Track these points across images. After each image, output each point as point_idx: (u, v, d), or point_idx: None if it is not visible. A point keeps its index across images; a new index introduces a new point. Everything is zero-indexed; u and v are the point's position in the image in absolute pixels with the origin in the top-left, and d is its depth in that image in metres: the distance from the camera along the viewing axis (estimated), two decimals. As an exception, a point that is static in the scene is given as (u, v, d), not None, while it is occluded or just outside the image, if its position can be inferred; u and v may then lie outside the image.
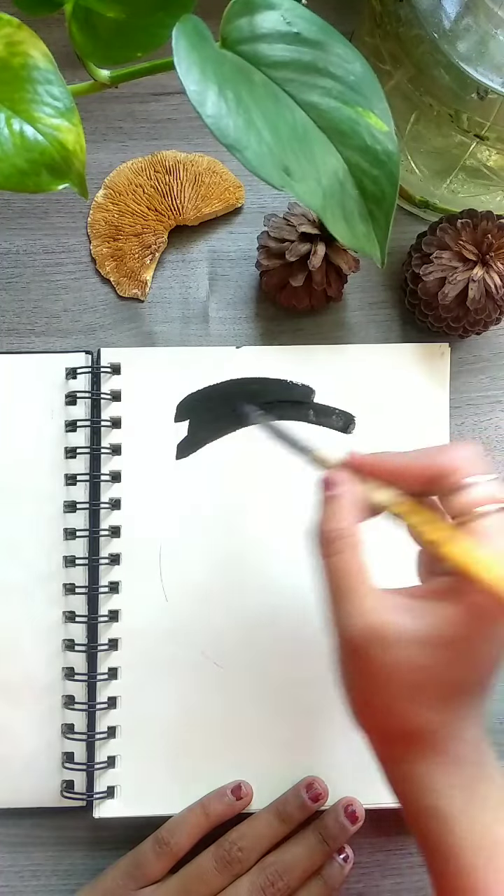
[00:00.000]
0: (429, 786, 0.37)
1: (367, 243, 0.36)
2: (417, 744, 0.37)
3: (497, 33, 0.43)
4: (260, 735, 0.53)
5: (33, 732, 0.52)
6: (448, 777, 0.37)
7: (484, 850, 0.36)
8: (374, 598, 0.37)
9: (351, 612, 0.37)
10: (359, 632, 0.36)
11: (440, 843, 0.37)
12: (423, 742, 0.37)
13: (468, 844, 0.36)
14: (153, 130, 0.58)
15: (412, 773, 0.37)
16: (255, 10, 0.33)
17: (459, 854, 0.36)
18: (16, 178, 0.30)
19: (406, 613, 0.36)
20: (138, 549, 0.53)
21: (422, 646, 0.36)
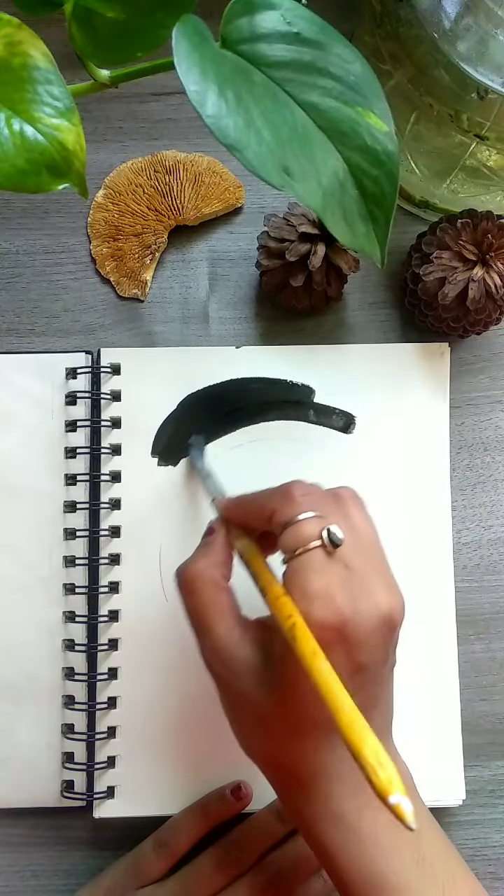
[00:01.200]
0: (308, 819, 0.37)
1: (367, 243, 0.36)
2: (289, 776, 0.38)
3: (497, 33, 0.43)
4: (260, 735, 0.53)
5: (33, 732, 0.52)
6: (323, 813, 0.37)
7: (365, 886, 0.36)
8: (227, 631, 0.38)
9: (207, 647, 0.38)
10: (214, 665, 0.38)
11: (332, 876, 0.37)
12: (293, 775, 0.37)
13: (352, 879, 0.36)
14: (153, 130, 0.58)
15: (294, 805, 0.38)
16: (255, 10, 0.33)
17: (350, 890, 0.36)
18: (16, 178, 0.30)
19: (251, 646, 0.37)
20: (138, 549, 0.53)
21: (259, 681, 0.37)
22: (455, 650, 0.54)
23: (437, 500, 0.55)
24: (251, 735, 0.39)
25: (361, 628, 0.34)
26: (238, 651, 0.37)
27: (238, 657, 0.37)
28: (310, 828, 0.37)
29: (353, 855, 0.36)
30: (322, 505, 0.37)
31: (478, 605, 0.55)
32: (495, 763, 0.55)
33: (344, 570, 0.35)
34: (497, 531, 0.56)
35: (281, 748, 0.37)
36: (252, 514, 0.40)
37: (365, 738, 0.29)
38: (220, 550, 0.41)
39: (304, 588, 0.34)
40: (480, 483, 0.56)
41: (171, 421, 0.54)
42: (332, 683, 0.31)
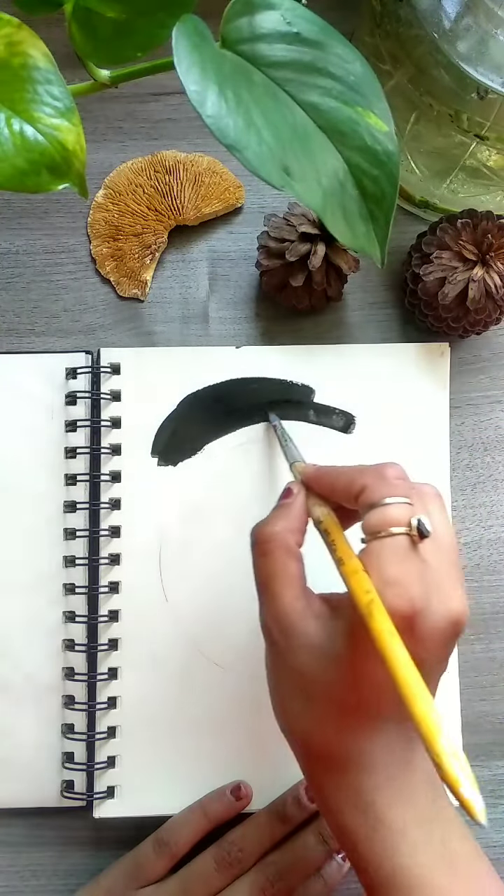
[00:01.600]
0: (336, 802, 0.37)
1: (367, 243, 0.36)
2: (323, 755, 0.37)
3: (497, 33, 0.43)
4: (260, 735, 0.53)
5: (33, 732, 0.52)
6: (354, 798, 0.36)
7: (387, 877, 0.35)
8: (292, 601, 0.37)
9: (269, 613, 0.38)
10: (273, 632, 0.38)
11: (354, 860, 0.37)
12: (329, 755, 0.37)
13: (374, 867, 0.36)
14: (153, 130, 0.58)
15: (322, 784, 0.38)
16: (255, 10, 0.33)
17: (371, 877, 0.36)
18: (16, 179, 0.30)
19: (314, 621, 0.37)
20: (138, 549, 0.53)
21: (316, 657, 0.36)
22: (455, 650, 0.54)
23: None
24: (293, 709, 0.38)
25: (430, 624, 0.34)
26: (301, 623, 0.37)
27: (300, 629, 0.37)
28: (336, 813, 0.37)
29: (378, 845, 0.35)
30: (410, 494, 0.37)
31: (478, 605, 0.55)
32: (495, 763, 0.55)
33: (423, 563, 0.35)
34: (497, 531, 0.56)
35: (324, 727, 0.37)
36: (339, 487, 0.39)
37: (439, 727, 0.29)
38: (298, 515, 0.40)
39: (381, 571, 0.34)
40: (480, 483, 0.56)
41: (172, 421, 0.54)
42: (409, 667, 0.31)
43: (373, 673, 0.34)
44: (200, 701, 0.53)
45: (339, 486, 0.39)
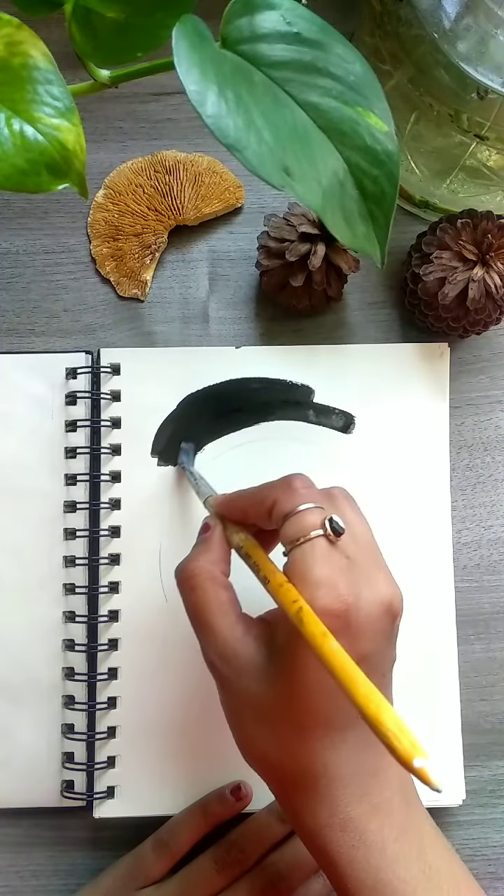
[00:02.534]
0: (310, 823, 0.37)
1: (367, 243, 0.36)
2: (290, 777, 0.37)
3: (497, 33, 0.43)
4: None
5: (33, 732, 0.52)
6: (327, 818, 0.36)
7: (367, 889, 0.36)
8: (229, 628, 0.38)
9: (209, 644, 0.38)
10: (216, 663, 0.38)
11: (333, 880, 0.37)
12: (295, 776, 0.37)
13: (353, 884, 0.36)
14: (153, 130, 0.58)
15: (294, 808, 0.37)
16: (255, 10, 0.33)
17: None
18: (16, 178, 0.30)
19: (254, 642, 0.37)
20: (138, 549, 0.53)
21: (262, 677, 0.36)
22: (455, 650, 0.54)
23: (437, 500, 0.55)
24: (252, 736, 0.38)
25: (364, 616, 0.35)
26: (240, 647, 0.37)
27: (240, 653, 0.37)
28: (314, 834, 0.37)
29: (359, 862, 0.36)
30: (320, 499, 0.37)
31: (478, 605, 0.55)
32: (495, 763, 0.55)
33: (345, 560, 0.36)
34: (497, 531, 0.56)
35: (284, 748, 0.37)
36: (250, 508, 0.40)
37: (382, 707, 0.29)
38: (218, 546, 0.41)
39: (307, 576, 0.35)
40: (480, 483, 0.56)
41: (171, 421, 0.54)
42: (345, 661, 0.31)
43: (318, 682, 0.35)
44: (200, 701, 0.53)
45: (250, 508, 0.40)
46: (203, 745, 0.52)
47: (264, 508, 0.38)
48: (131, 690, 0.53)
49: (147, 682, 0.53)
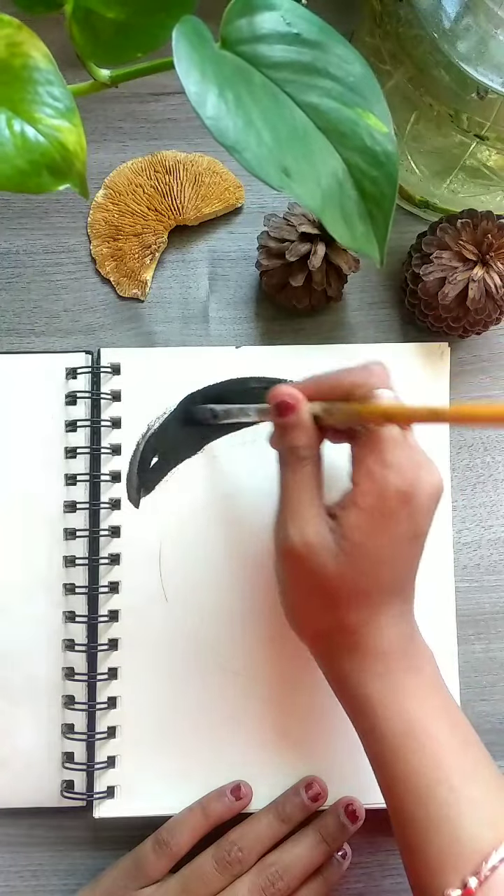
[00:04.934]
0: (356, 677, 0.43)
1: (366, 244, 0.36)
2: (344, 641, 0.43)
3: (497, 33, 0.43)
4: (260, 735, 0.53)
5: (33, 732, 0.52)
6: (371, 668, 0.42)
7: (403, 731, 0.41)
8: (315, 516, 0.42)
9: (294, 526, 0.42)
10: (296, 545, 0.42)
11: (369, 727, 0.42)
12: (349, 639, 0.42)
13: (390, 725, 0.41)
14: (153, 130, 0.58)
15: (343, 667, 0.43)
16: (255, 11, 0.33)
17: (383, 734, 0.42)
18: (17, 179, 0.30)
19: (328, 530, 0.42)
20: (138, 549, 0.53)
21: (338, 556, 0.41)
22: (455, 650, 0.54)
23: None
24: (313, 608, 0.43)
25: (422, 496, 0.41)
26: (321, 534, 0.41)
27: (321, 539, 0.41)
28: (356, 683, 0.42)
29: (394, 704, 0.42)
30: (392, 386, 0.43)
31: (478, 605, 0.56)
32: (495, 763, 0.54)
33: (410, 446, 0.42)
34: (497, 531, 0.56)
35: (341, 613, 0.42)
36: (328, 388, 0.43)
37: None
38: (309, 421, 0.43)
39: (383, 456, 0.41)
40: (480, 483, 0.56)
41: (171, 421, 0.54)
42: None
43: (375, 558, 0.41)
44: (200, 701, 0.53)
45: (328, 388, 0.43)
46: (203, 745, 0.52)
47: (342, 389, 0.42)
48: (131, 690, 0.53)
49: (147, 682, 0.53)
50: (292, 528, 0.42)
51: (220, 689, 0.53)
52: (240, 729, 0.53)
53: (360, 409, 0.41)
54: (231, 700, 0.53)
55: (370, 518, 0.41)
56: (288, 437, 0.43)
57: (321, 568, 0.41)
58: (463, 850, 0.39)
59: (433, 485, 0.42)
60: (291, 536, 0.42)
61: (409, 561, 0.43)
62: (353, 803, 0.51)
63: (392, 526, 0.41)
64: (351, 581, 0.41)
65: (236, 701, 0.53)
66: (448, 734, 0.42)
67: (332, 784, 0.52)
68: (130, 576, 0.53)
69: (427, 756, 0.41)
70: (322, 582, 0.41)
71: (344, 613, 0.42)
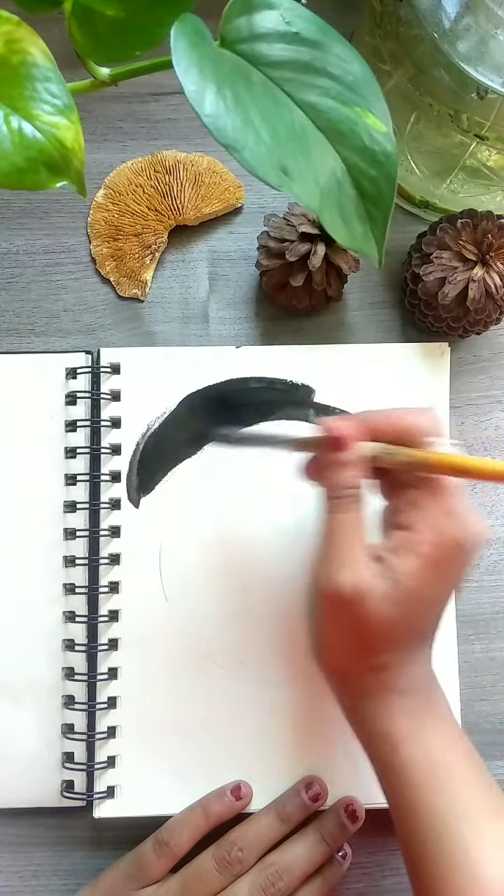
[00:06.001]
0: (381, 714, 0.42)
1: (364, 244, 0.36)
2: (373, 680, 0.42)
3: (497, 33, 0.43)
4: (260, 735, 0.53)
5: (33, 732, 0.52)
6: (398, 705, 0.42)
7: (427, 769, 0.41)
8: (364, 559, 0.41)
9: (343, 569, 0.41)
10: (345, 590, 0.40)
11: (390, 763, 0.42)
12: (379, 679, 0.42)
13: (414, 763, 0.41)
14: (153, 130, 0.58)
15: (367, 704, 0.43)
16: (255, 10, 0.33)
17: (406, 772, 0.41)
18: (14, 176, 0.30)
19: (378, 576, 0.41)
20: (138, 549, 0.53)
21: (388, 602, 0.40)
22: (455, 650, 0.54)
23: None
24: (348, 648, 0.43)
25: (471, 546, 0.41)
26: (371, 579, 0.40)
27: (371, 584, 0.40)
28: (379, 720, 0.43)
29: (418, 741, 0.42)
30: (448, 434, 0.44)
31: (478, 605, 0.55)
32: (495, 763, 0.54)
33: (463, 495, 0.42)
34: (497, 531, 0.56)
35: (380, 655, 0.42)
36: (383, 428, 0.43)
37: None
38: (359, 461, 0.42)
39: (445, 506, 0.41)
40: (480, 483, 0.56)
41: (171, 421, 0.54)
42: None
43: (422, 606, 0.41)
44: (200, 701, 0.53)
45: (381, 429, 0.43)
46: (203, 745, 0.52)
47: (408, 432, 0.42)
48: (131, 690, 0.53)
49: (147, 682, 0.53)
50: (341, 571, 0.41)
51: (220, 688, 0.53)
52: (240, 729, 0.53)
53: (428, 458, 0.41)
54: (231, 700, 0.53)
55: (427, 567, 0.40)
56: (340, 474, 0.42)
57: (367, 613, 0.40)
58: (482, 891, 0.39)
59: (481, 536, 0.42)
60: (340, 580, 0.41)
61: (446, 605, 0.43)
62: (353, 803, 0.51)
63: (447, 575, 0.41)
64: (395, 625, 0.41)
65: (236, 701, 0.53)
66: (470, 772, 0.42)
67: (332, 784, 0.52)
68: (130, 576, 0.53)
69: (450, 797, 0.41)
70: (365, 626, 0.41)
71: (380, 654, 0.42)
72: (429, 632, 0.44)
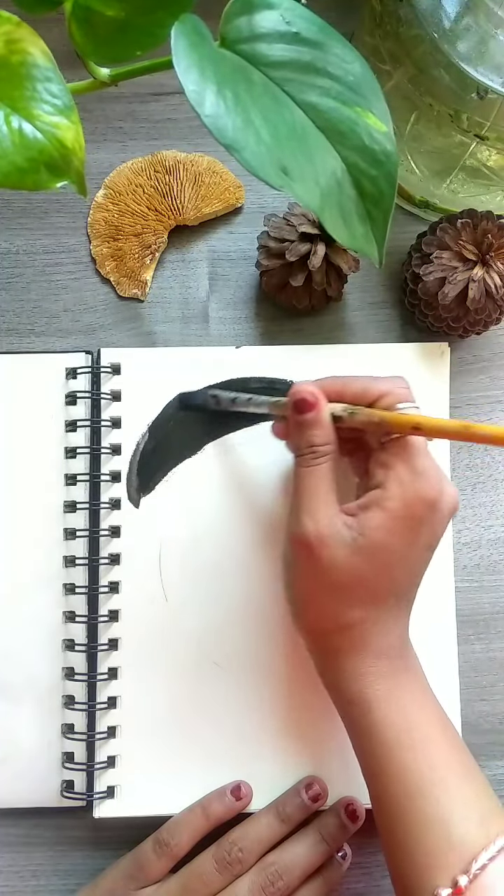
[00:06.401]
0: (355, 675, 0.43)
1: (365, 244, 0.36)
2: (347, 639, 0.43)
3: (497, 33, 0.43)
4: (259, 735, 0.53)
5: (33, 732, 0.52)
6: (373, 667, 0.43)
7: (400, 728, 0.42)
8: (330, 510, 0.43)
9: (309, 518, 0.43)
10: (310, 535, 0.43)
11: (363, 724, 0.43)
12: (352, 637, 0.43)
13: (388, 723, 0.42)
14: (153, 130, 0.58)
15: (342, 664, 0.44)
16: (255, 10, 0.33)
17: (378, 731, 0.42)
18: (15, 176, 0.30)
19: (345, 527, 0.42)
20: (138, 549, 0.53)
21: (354, 552, 0.42)
22: (455, 650, 0.54)
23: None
24: (320, 601, 0.44)
25: (444, 507, 0.43)
26: (336, 529, 0.42)
27: (336, 534, 0.42)
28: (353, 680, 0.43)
29: (392, 704, 0.43)
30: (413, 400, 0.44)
31: (478, 605, 0.55)
32: (495, 763, 0.55)
33: (432, 457, 0.43)
34: (497, 531, 0.56)
35: (347, 608, 0.43)
36: (351, 393, 0.44)
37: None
38: (327, 421, 0.44)
39: (413, 464, 0.42)
40: (480, 483, 0.56)
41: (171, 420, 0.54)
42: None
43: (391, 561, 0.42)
44: (200, 701, 0.53)
45: (350, 393, 0.44)
46: (203, 745, 0.52)
47: (368, 397, 0.44)
48: (131, 690, 0.53)
49: (147, 682, 0.53)
50: (306, 519, 0.43)
51: (220, 688, 0.53)
52: (240, 729, 0.53)
53: (387, 416, 0.42)
54: (231, 700, 0.53)
55: (394, 521, 0.42)
56: (306, 434, 0.44)
57: (332, 560, 0.42)
58: (453, 850, 0.39)
59: (453, 497, 0.44)
60: (304, 526, 0.43)
61: (420, 566, 0.44)
62: (354, 803, 0.51)
63: (415, 531, 0.42)
64: (363, 578, 0.42)
65: (236, 701, 0.53)
66: (441, 735, 0.43)
67: (332, 784, 0.52)
68: (130, 576, 0.53)
69: (422, 755, 0.42)
70: (332, 575, 0.42)
71: (351, 609, 0.43)
72: (402, 591, 0.44)
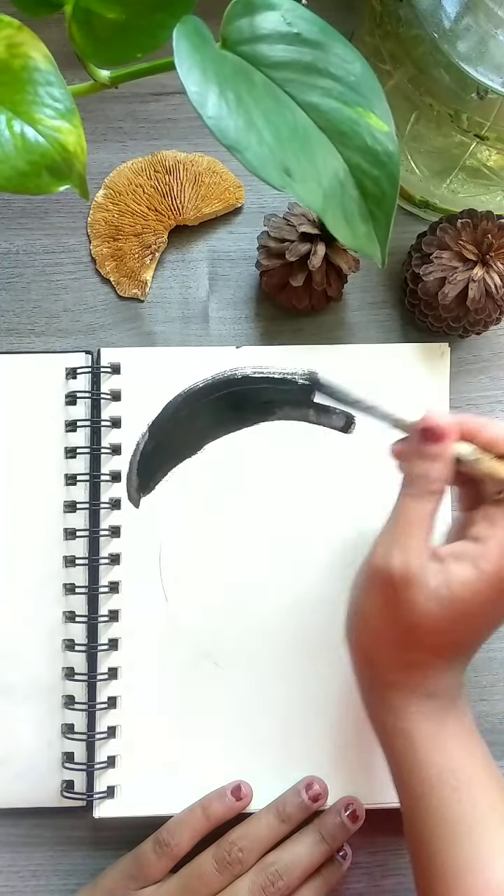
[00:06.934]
0: (403, 712, 0.42)
1: (367, 244, 0.35)
2: (402, 676, 0.42)
3: (497, 33, 0.43)
4: (260, 735, 0.53)
5: (33, 732, 0.52)
6: (423, 706, 0.42)
7: (443, 768, 0.41)
8: (423, 552, 0.41)
9: (400, 552, 0.41)
10: (395, 572, 0.40)
11: (406, 760, 0.42)
12: (408, 676, 0.42)
13: (431, 762, 0.41)
14: (153, 130, 0.58)
15: (391, 699, 0.43)
16: (256, 11, 0.33)
17: (421, 769, 0.41)
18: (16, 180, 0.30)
19: (433, 574, 0.40)
20: (138, 549, 0.53)
21: (435, 601, 0.40)
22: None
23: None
24: (389, 638, 0.42)
25: None
26: (425, 568, 0.40)
27: (424, 573, 0.40)
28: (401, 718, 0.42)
29: (437, 744, 0.42)
30: None
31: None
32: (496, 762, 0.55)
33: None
34: (497, 531, 0.56)
35: (419, 655, 0.42)
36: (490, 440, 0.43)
37: None
38: (448, 458, 0.42)
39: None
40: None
41: (171, 420, 0.54)
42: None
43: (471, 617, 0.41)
44: (200, 701, 0.53)
45: (483, 436, 0.43)
46: (203, 745, 0.53)
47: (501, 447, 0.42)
48: (131, 690, 0.53)
49: (147, 682, 0.53)
50: (397, 552, 0.41)
51: (220, 688, 0.53)
52: (240, 729, 0.53)
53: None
54: (231, 700, 0.53)
55: (484, 584, 0.40)
56: (425, 465, 0.42)
57: (411, 603, 0.40)
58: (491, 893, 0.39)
59: None
60: (392, 559, 0.41)
61: (493, 632, 0.43)
62: (354, 803, 0.51)
63: (500, 602, 0.41)
64: (437, 628, 0.40)
65: (236, 701, 0.53)
66: (486, 776, 0.42)
67: (332, 784, 0.52)
68: (130, 576, 0.53)
69: (467, 795, 0.41)
70: (406, 617, 0.41)
71: (415, 652, 0.42)
72: (469, 648, 0.43)
